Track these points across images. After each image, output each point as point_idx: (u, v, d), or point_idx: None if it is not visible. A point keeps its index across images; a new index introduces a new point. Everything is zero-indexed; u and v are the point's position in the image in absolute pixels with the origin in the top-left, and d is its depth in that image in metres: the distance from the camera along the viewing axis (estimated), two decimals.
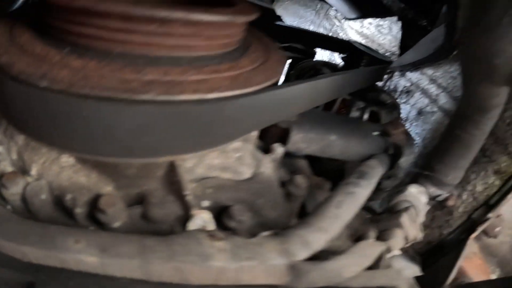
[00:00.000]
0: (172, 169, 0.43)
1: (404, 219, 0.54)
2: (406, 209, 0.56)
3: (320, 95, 0.44)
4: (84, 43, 0.32)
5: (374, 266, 0.42)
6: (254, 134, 0.53)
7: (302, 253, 0.33)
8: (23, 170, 0.41)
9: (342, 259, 0.34)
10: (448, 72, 0.99)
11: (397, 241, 0.51)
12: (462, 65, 0.72)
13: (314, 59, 0.96)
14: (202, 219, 0.41)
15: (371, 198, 0.78)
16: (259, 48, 0.43)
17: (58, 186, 0.42)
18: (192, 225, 0.40)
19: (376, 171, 0.53)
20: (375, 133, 0.69)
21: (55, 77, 0.28)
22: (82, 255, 0.32)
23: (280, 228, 0.41)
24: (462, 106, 0.78)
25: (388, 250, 0.48)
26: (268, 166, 0.50)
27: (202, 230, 0.36)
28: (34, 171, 0.41)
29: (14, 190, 0.38)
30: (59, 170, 0.43)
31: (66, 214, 0.41)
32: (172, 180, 0.44)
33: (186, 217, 0.41)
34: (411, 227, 0.55)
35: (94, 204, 0.40)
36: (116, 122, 0.28)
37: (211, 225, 0.41)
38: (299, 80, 0.37)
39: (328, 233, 0.37)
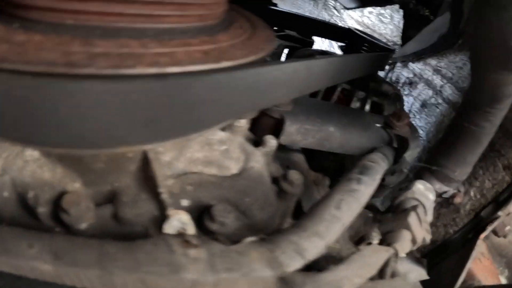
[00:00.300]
0: (145, 163, 0.38)
1: (412, 219, 0.48)
2: (414, 208, 0.50)
3: (315, 78, 0.38)
4: (34, 17, 0.28)
5: (379, 275, 0.37)
6: (244, 124, 0.48)
7: (295, 263, 0.28)
8: None
9: (342, 269, 0.29)
10: (453, 62, 0.93)
11: (405, 244, 0.46)
12: (471, 51, 0.66)
13: (311, 48, 0.90)
14: (180, 220, 0.35)
15: (373, 195, 0.73)
16: (245, 26, 0.37)
17: (21, 182, 0.38)
18: (168, 227, 0.35)
19: (380, 166, 0.47)
20: (378, 124, 0.64)
21: None
22: (36, 261, 0.28)
23: (270, 232, 0.35)
24: (471, 96, 0.73)
25: (395, 255, 0.42)
26: (259, 160, 0.44)
27: (174, 235, 0.30)
28: None
29: None
30: (22, 164, 0.39)
31: (30, 213, 0.37)
32: (146, 175, 0.38)
33: (162, 219, 0.36)
34: (419, 228, 0.49)
35: (57, 203, 0.35)
36: (55, 102, 0.23)
37: (191, 228, 0.35)
38: (290, 59, 0.31)
39: (326, 238, 0.31)
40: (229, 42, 0.30)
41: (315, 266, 0.33)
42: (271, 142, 0.49)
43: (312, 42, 0.93)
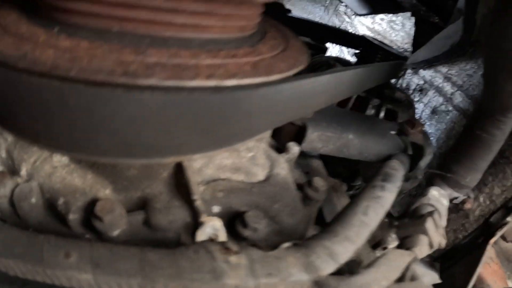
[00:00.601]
0: (178, 170, 0.39)
1: (429, 224, 0.49)
2: (430, 213, 0.52)
3: (343, 89, 0.39)
4: (76, 21, 0.27)
5: (401, 278, 0.38)
6: (268, 131, 0.49)
7: (329, 267, 0.29)
8: (12, 170, 0.36)
9: (371, 272, 0.30)
10: (464, 70, 0.94)
11: (423, 249, 0.47)
12: (485, 60, 0.67)
13: (326, 55, 0.92)
14: (213, 227, 0.36)
15: None
16: (277, 35, 0.38)
17: (50, 188, 0.38)
18: (202, 234, 0.36)
19: (399, 173, 0.48)
20: (392, 132, 0.65)
21: (37, 58, 0.23)
22: (74, 271, 0.28)
23: (298, 237, 0.37)
24: (483, 104, 0.74)
25: (415, 259, 0.43)
26: (284, 167, 0.46)
27: (213, 242, 0.31)
28: (24, 171, 0.36)
29: (2, 193, 0.33)
30: (51, 170, 0.39)
31: (59, 220, 0.37)
32: (179, 182, 0.39)
33: (194, 225, 0.37)
34: (436, 233, 0.51)
35: (89, 210, 0.36)
36: (110, 113, 0.24)
37: (223, 234, 0.36)
38: (323, 72, 0.33)
39: (356, 243, 0.32)
40: (270, 54, 0.31)
41: (344, 270, 0.34)
42: (294, 149, 0.50)
43: (325, 49, 0.94)
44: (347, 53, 1.24)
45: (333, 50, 1.30)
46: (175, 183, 0.39)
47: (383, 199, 0.39)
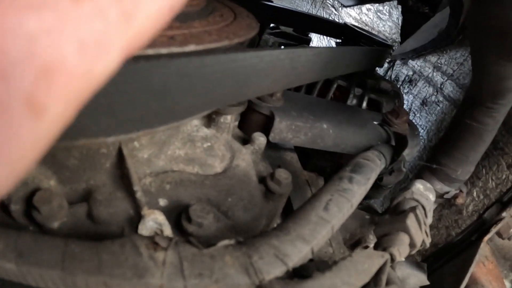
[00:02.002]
0: (120, 160, 0.35)
1: (411, 221, 0.45)
2: (413, 209, 0.47)
3: (302, 70, 0.35)
4: None
5: (374, 283, 0.33)
6: (230, 121, 0.45)
7: (274, 270, 0.25)
8: None
9: (328, 277, 0.26)
10: (454, 59, 0.90)
11: (402, 249, 0.42)
12: (472, 43, 0.63)
13: (308, 46, 0.87)
14: (155, 220, 0.32)
15: (370, 196, 0.69)
16: (226, 15, 0.34)
17: None
18: (143, 228, 0.33)
19: (375, 164, 0.44)
20: (375, 122, 0.61)
21: None
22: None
23: (254, 235, 0.32)
24: (472, 91, 0.70)
25: (391, 260, 0.39)
26: (245, 159, 0.42)
27: (144, 237, 0.27)
28: None
29: None
30: None
31: (4, 211, 0.35)
32: (122, 173, 0.35)
33: (138, 218, 0.33)
34: (418, 231, 0.46)
35: (29, 200, 0.34)
36: None
37: (167, 229, 0.33)
38: (270, 47, 0.29)
39: (312, 242, 0.28)
40: (203, 28, 0.27)
41: (303, 273, 0.30)
42: (260, 139, 0.46)
43: (309, 40, 0.90)
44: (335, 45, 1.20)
45: (322, 43, 1.26)
46: (118, 174, 0.36)
47: (350, 192, 0.35)
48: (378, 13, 1.06)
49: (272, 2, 0.86)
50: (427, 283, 0.60)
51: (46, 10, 0.10)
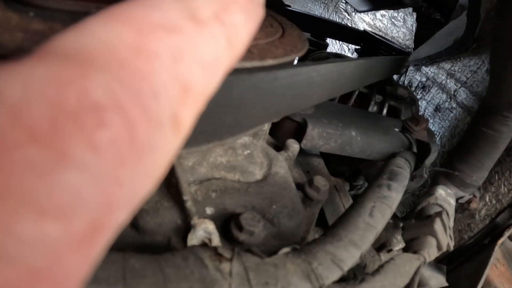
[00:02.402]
0: (169, 168, 0.36)
1: (438, 225, 0.46)
2: (439, 214, 0.49)
3: (344, 81, 0.36)
4: (52, 5, 0.26)
5: (409, 284, 0.35)
6: (265, 128, 0.46)
7: (332, 275, 0.26)
8: None
9: (379, 280, 0.27)
10: (467, 66, 0.92)
11: (432, 251, 0.44)
12: (491, 53, 0.65)
13: (326, 51, 0.89)
14: (205, 230, 0.33)
15: None
16: (274, 24, 0.36)
17: None
18: (193, 237, 0.33)
19: (406, 171, 0.46)
20: (396, 129, 0.63)
21: (3, 42, 0.21)
22: None
23: (298, 241, 0.34)
24: (489, 100, 0.72)
25: (424, 263, 0.41)
26: (282, 166, 0.43)
27: (204, 247, 0.28)
28: None
29: None
30: None
31: None
32: (169, 182, 0.37)
33: (186, 228, 0.34)
34: (444, 235, 0.48)
35: None
36: None
37: (216, 238, 0.34)
38: (323, 61, 0.30)
39: (362, 247, 0.29)
40: (266, 40, 0.28)
41: (348, 276, 0.31)
42: (294, 146, 0.47)
43: (326, 45, 0.92)
44: (347, 50, 1.22)
45: (334, 47, 1.27)
46: (165, 183, 0.37)
47: (390, 199, 0.36)
48: (393, 19, 1.08)
49: (290, 6, 0.88)
50: (446, 284, 0.62)
51: (177, 33, 0.11)
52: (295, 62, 0.34)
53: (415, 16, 1.00)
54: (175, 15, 0.11)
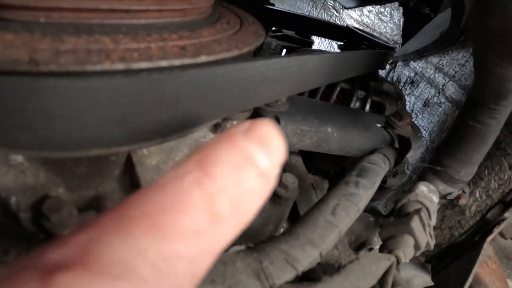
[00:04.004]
0: (129, 167, 0.36)
1: (415, 223, 0.45)
2: (417, 211, 0.48)
3: (310, 75, 0.35)
4: (6, 16, 0.26)
5: (380, 285, 0.34)
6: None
7: (285, 274, 0.25)
8: None
9: (337, 281, 0.26)
10: (455, 60, 0.91)
11: (407, 251, 0.43)
12: (475, 45, 0.64)
13: (310, 49, 0.88)
14: None
15: (374, 198, 0.70)
16: (233, 22, 0.35)
17: (4, 187, 0.37)
18: None
19: (380, 167, 0.44)
20: (379, 125, 0.61)
21: None
22: None
23: (263, 240, 0.33)
24: (475, 93, 0.70)
25: (397, 262, 0.39)
26: None
27: None
28: None
29: None
30: (6, 169, 0.38)
31: (14, 219, 0.35)
32: (131, 180, 0.36)
33: None
34: (423, 233, 0.47)
35: (38, 209, 0.34)
36: (20, 102, 0.21)
37: None
38: (277, 55, 0.29)
39: (321, 247, 0.28)
40: (213, 37, 0.28)
41: (311, 276, 0.30)
42: None
43: (311, 42, 0.90)
44: (337, 48, 1.21)
45: (323, 45, 1.26)
46: (128, 181, 0.37)
47: (356, 196, 0.35)
48: (380, 15, 1.06)
49: (274, 5, 0.87)
50: (432, 284, 0.61)
51: (200, 237, 0.12)
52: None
53: (401, 11, 0.98)
54: (200, 218, 0.12)
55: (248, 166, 0.13)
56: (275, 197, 0.40)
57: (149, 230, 0.11)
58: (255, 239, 0.36)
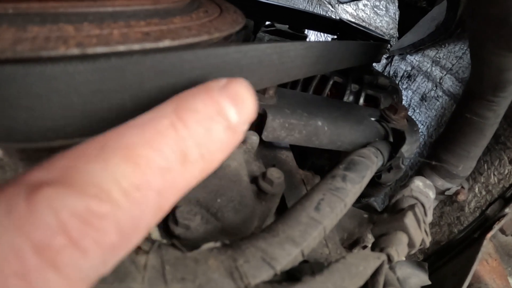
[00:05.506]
0: None
1: (409, 220, 0.43)
2: (411, 207, 0.46)
3: (292, 65, 0.34)
4: None
5: (371, 285, 0.32)
6: None
7: (261, 274, 0.24)
8: None
9: (320, 281, 0.24)
10: (452, 53, 0.88)
11: (400, 249, 0.41)
12: (471, 34, 0.61)
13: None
14: None
15: (370, 194, 0.68)
16: (212, 11, 0.33)
17: None
18: None
19: (371, 161, 0.43)
20: (373, 118, 0.60)
21: None
22: None
23: (243, 237, 0.31)
24: (472, 84, 0.68)
25: (389, 261, 0.38)
26: (237, 158, 0.40)
27: None
28: None
29: None
30: None
31: None
32: None
33: None
34: (417, 230, 0.45)
35: None
36: None
37: (155, 232, 0.31)
38: (253, 42, 0.27)
39: (302, 244, 0.27)
40: (183, 24, 0.26)
41: (297, 275, 0.29)
42: (252, 138, 0.45)
43: (305, 37, 0.89)
44: None
45: (320, 39, 1.24)
46: None
47: (343, 191, 0.33)
48: (375, 9, 1.04)
49: None
50: (429, 282, 0.59)
51: (168, 174, 0.14)
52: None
53: (397, 4, 0.96)
54: (171, 157, 0.13)
55: (219, 119, 0.14)
56: (260, 192, 0.39)
57: (124, 160, 0.12)
58: (237, 236, 0.34)
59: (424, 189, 0.56)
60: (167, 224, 0.32)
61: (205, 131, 0.14)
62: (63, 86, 0.22)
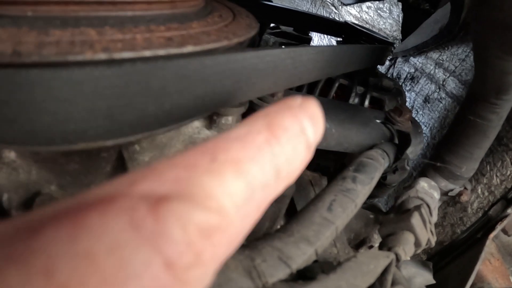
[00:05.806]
0: (120, 163, 0.35)
1: (416, 220, 0.44)
2: (417, 207, 0.47)
3: (304, 69, 0.34)
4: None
5: (379, 283, 0.33)
6: (231, 122, 0.45)
7: (278, 273, 0.24)
8: None
9: (333, 279, 0.25)
10: (455, 55, 0.89)
11: (407, 248, 0.42)
12: (474, 38, 0.62)
13: (309, 45, 0.87)
14: None
15: (374, 195, 0.69)
16: (225, 15, 0.34)
17: None
18: None
19: (379, 162, 0.43)
20: (378, 120, 0.60)
21: None
22: None
23: (257, 237, 0.32)
24: (475, 87, 0.69)
25: (396, 260, 0.38)
26: None
27: None
28: None
29: None
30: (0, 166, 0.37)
31: (5, 216, 0.35)
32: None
33: None
34: (423, 230, 0.46)
35: (29, 205, 0.34)
36: (5, 96, 0.20)
37: None
38: (270, 47, 0.28)
39: (316, 244, 0.27)
40: (202, 29, 0.27)
41: (308, 274, 0.30)
42: None
43: (309, 39, 0.89)
44: (335, 44, 1.20)
45: (323, 42, 1.25)
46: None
47: (354, 192, 0.34)
48: (379, 11, 1.05)
49: (271, 1, 0.86)
50: (433, 282, 0.60)
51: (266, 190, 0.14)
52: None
53: (401, 7, 0.97)
54: (269, 173, 0.13)
55: (302, 137, 0.15)
56: None
57: (237, 175, 0.12)
58: (249, 236, 0.35)
59: (429, 190, 0.57)
60: None
61: (292, 148, 0.14)
62: (88, 90, 0.22)
